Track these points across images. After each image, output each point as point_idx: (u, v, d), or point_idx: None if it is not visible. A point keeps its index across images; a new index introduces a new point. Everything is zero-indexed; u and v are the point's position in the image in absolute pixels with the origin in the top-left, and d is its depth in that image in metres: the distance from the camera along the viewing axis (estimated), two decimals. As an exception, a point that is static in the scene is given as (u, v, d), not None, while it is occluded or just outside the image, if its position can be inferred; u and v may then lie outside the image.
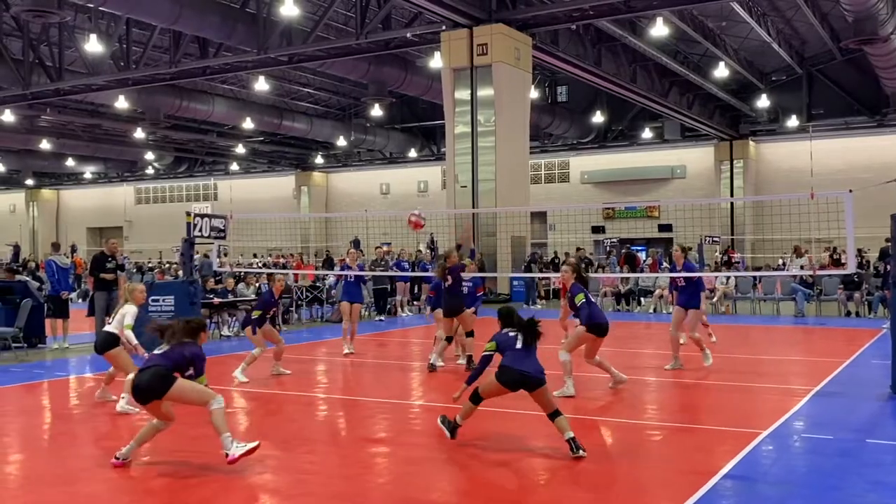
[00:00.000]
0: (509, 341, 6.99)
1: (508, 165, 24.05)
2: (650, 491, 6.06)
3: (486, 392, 7.07)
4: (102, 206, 56.47)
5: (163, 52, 28.18)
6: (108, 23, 25.99)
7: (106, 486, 6.22)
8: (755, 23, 25.90)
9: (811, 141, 34.29)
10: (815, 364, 12.19)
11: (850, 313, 19.92)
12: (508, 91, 23.93)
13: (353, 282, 13.70)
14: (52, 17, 21.22)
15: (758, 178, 39.04)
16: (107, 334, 8.97)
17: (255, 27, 24.50)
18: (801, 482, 6.10)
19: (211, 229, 14.82)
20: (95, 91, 30.28)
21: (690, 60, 31.98)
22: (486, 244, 23.61)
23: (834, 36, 29.34)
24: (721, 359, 13.23)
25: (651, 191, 40.08)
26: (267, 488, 6.12)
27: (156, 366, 6.66)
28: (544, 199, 40.90)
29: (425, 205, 44.13)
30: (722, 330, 15.66)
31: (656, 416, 8.77)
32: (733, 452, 6.74)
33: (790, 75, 35.39)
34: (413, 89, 31.68)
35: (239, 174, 51.35)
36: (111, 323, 9.08)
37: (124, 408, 8.79)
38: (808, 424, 8.07)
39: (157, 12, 22.59)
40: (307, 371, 11.86)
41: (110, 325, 9.04)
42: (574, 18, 24.20)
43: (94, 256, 15.07)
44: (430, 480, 6.33)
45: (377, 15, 24.02)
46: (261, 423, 8.56)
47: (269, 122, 37.33)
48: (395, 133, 43.24)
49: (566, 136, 40.04)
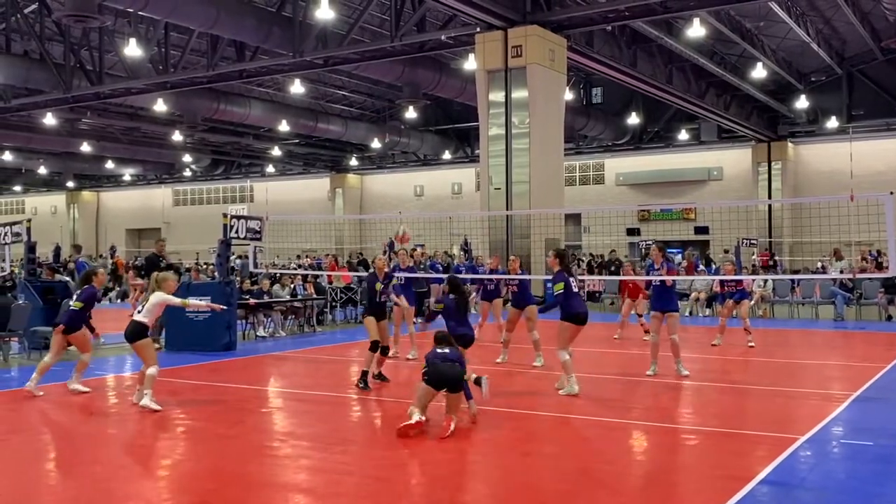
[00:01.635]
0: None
1: (542, 167, 23.97)
2: (685, 496, 6.01)
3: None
4: (141, 207, 57.29)
5: (200, 56, 28.51)
6: (148, 27, 26.37)
7: (142, 486, 6.31)
8: (794, 23, 25.54)
9: (851, 142, 33.71)
10: (854, 369, 12.00)
11: (892, 317, 19.56)
12: (543, 93, 23.85)
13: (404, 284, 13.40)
14: (93, 22, 21.56)
15: (796, 179, 38.49)
16: (136, 324, 8.97)
17: (291, 30, 24.69)
18: (839, 488, 6.01)
19: (247, 231, 15.01)
20: (134, 94, 30.70)
21: (727, 61, 31.62)
22: (519, 246, 23.55)
23: (875, 35, 28.83)
24: (759, 363, 13.08)
25: (687, 193, 39.68)
26: (301, 488, 6.17)
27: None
28: (579, 201, 40.69)
29: (459, 206, 44.18)
30: (760, 334, 15.47)
31: (692, 420, 8.69)
32: (770, 458, 6.66)
33: (830, 76, 34.85)
34: (447, 91, 31.70)
35: (274, 176, 51.80)
36: (140, 311, 9.14)
37: (147, 404, 8.78)
38: (847, 430, 7.95)
39: (195, 16, 22.86)
40: (341, 372, 11.93)
41: (139, 314, 9.08)
42: (609, 20, 24.04)
43: (147, 258, 15.47)
44: (463, 482, 6.34)
45: (412, 17, 24.08)
46: (297, 423, 8.63)
47: (304, 124, 37.60)
48: (430, 135, 43.31)
49: (601, 137, 39.80)
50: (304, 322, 17.94)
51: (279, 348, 14.93)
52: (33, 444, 7.61)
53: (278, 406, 9.68)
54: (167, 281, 9.30)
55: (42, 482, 6.38)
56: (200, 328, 13.78)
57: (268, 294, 17.16)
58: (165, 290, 9.15)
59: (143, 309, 9.09)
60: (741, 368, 12.37)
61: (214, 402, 9.52)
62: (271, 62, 26.96)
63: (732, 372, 11.86)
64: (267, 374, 12.06)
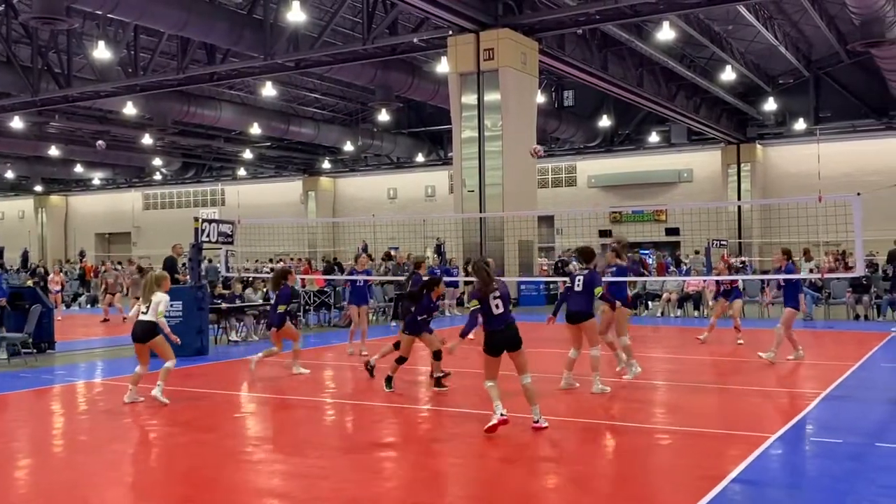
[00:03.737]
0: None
1: (515, 170, 24.06)
2: (659, 495, 6.05)
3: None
4: (111, 211, 56.67)
5: (170, 59, 28.29)
6: (117, 29, 26.11)
7: (116, 493, 6.24)
8: (762, 26, 25.87)
9: (818, 144, 34.21)
10: (823, 367, 12.16)
11: (859, 316, 19.85)
12: (515, 96, 23.95)
13: (362, 286, 14.09)
14: (61, 24, 21.31)
15: (765, 181, 38.97)
16: (146, 323, 9.31)
17: (263, 33, 24.58)
18: (810, 486, 6.09)
19: (218, 235, 14.91)
20: (104, 97, 30.41)
21: (697, 64, 31.95)
22: (492, 249, 23.62)
23: (841, 39, 29.27)
24: (730, 362, 13.22)
25: (658, 194, 40.02)
26: (276, 493, 6.13)
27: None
28: (552, 203, 40.87)
29: (433, 209, 44.18)
30: (730, 334, 15.63)
31: (665, 419, 8.76)
32: (742, 456, 6.73)
33: (797, 78, 35.33)
34: (420, 94, 31.73)
35: (246, 179, 51.49)
36: (146, 312, 9.37)
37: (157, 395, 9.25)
38: (817, 428, 8.05)
39: (165, 19, 22.70)
40: (314, 375, 11.87)
41: (146, 315, 9.35)
42: (580, 23, 24.21)
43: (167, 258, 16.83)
44: (440, 485, 6.34)
45: (384, 20, 24.07)
46: (270, 428, 8.58)
47: (276, 127, 37.43)
48: (403, 138, 43.30)
49: (573, 140, 40.05)
50: (277, 326, 17.80)
51: (252, 353, 14.78)
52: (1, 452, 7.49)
53: (252, 411, 9.62)
54: (165, 280, 9.72)
55: (12, 490, 6.28)
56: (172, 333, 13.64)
57: (240, 298, 17.03)
58: (164, 289, 9.41)
59: (147, 310, 9.38)
60: (712, 368, 12.49)
61: (187, 407, 9.44)
62: (242, 65, 26.83)
63: (704, 372, 11.97)
64: (240, 379, 11.96)
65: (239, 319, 16.77)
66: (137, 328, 9.39)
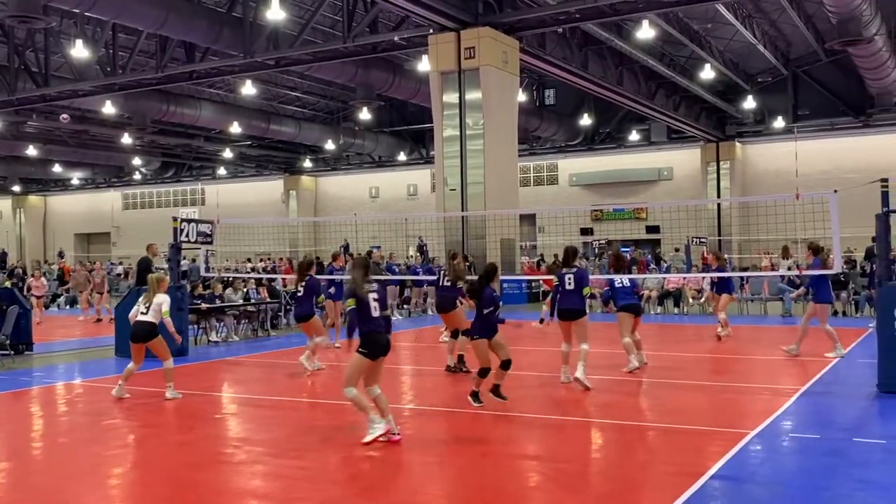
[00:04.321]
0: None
1: (497, 168, 24.09)
2: (639, 491, 6.08)
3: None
4: (90, 211, 56.20)
5: (149, 57, 28.07)
6: (94, 28, 25.87)
7: (96, 495, 6.19)
8: (740, 24, 26.03)
9: (796, 142, 34.49)
10: (802, 364, 12.26)
11: (837, 313, 20.03)
12: (496, 94, 23.96)
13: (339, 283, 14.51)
14: (38, 23, 21.09)
15: (744, 179, 39.23)
16: (148, 324, 9.46)
17: (242, 31, 24.44)
18: (789, 482, 6.14)
19: (198, 234, 14.83)
20: (82, 97, 30.14)
21: (676, 63, 32.11)
22: (475, 247, 23.65)
23: (819, 37, 29.51)
24: (710, 359, 13.31)
25: (638, 193, 40.21)
26: (256, 494, 6.11)
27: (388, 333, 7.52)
28: (533, 202, 40.96)
29: (415, 208, 44.17)
30: (710, 330, 15.73)
31: (645, 417, 8.80)
32: (722, 453, 6.78)
33: (776, 77, 35.58)
34: (401, 93, 31.68)
35: (226, 179, 51.21)
36: (146, 313, 9.51)
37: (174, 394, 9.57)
38: (795, 424, 8.12)
39: (144, 17, 22.51)
40: (295, 376, 11.83)
41: (146, 315, 9.49)
42: (561, 22, 24.26)
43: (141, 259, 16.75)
44: (419, 484, 6.33)
45: (364, 18, 24.01)
46: (251, 429, 8.54)
47: (256, 126, 37.24)
48: (384, 136, 43.22)
49: (554, 138, 40.13)
50: (257, 326, 17.75)
51: (232, 353, 14.77)
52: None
53: (232, 412, 9.57)
54: (164, 281, 9.95)
55: (-12, 495, 6.22)
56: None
57: (220, 298, 16.95)
58: (163, 289, 9.49)
59: (147, 310, 9.53)
60: (693, 365, 12.56)
61: (166, 409, 9.39)
62: (222, 63, 26.67)
63: (684, 368, 12.03)
64: (220, 380, 11.92)
65: (219, 320, 16.70)
66: (139, 329, 9.56)
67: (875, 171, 23.28)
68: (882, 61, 27.24)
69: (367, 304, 7.30)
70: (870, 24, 22.94)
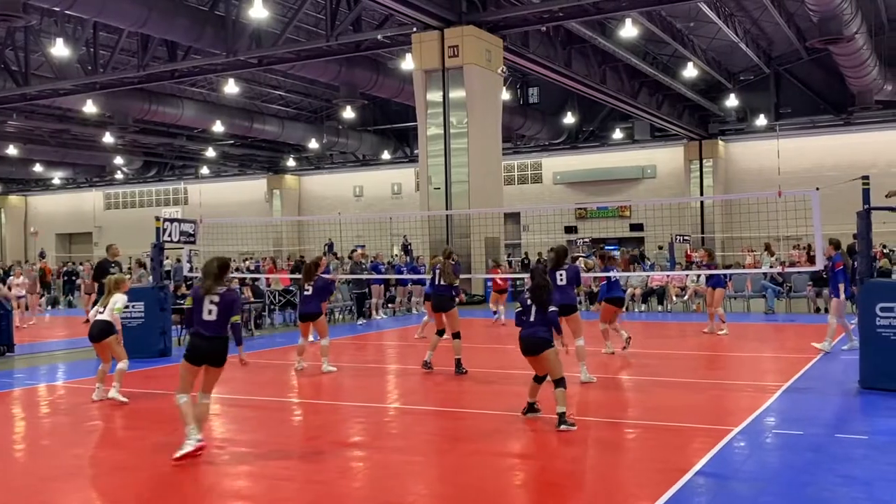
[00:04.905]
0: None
1: (481, 167, 24.10)
2: (624, 489, 6.09)
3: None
4: (71, 211, 55.79)
5: (131, 56, 27.90)
6: (75, 26, 25.68)
7: (78, 497, 6.14)
8: (723, 23, 26.17)
9: (778, 140, 34.73)
10: (785, 360, 12.34)
11: (820, 309, 20.18)
12: (480, 93, 23.98)
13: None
14: (18, 21, 20.92)
15: (727, 176, 39.45)
16: (103, 323, 9.43)
17: (224, 30, 24.34)
18: (772, 478, 6.17)
19: (181, 234, 14.74)
20: (63, 96, 29.91)
21: (659, 61, 32.24)
22: (459, 246, 23.64)
23: (800, 36, 29.73)
24: (693, 356, 13.37)
25: (622, 191, 40.37)
26: (241, 495, 6.08)
27: (220, 338, 6.97)
28: (518, 200, 41.03)
29: (399, 207, 44.14)
30: (694, 327, 15.81)
31: (629, 414, 8.82)
32: (706, 449, 6.80)
33: (758, 75, 35.80)
34: (385, 91, 31.64)
35: (209, 178, 50.96)
36: (103, 312, 9.49)
37: (115, 395, 9.36)
38: (779, 420, 8.17)
39: (125, 15, 22.36)
40: (280, 376, 11.79)
41: (102, 314, 9.47)
42: (544, 20, 24.30)
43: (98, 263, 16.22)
44: (405, 484, 6.32)
45: (347, 17, 23.96)
46: (235, 430, 8.50)
47: (239, 125, 37.09)
48: (368, 135, 43.15)
49: (538, 137, 40.20)
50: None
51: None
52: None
53: (216, 412, 9.50)
54: (124, 282, 9.86)
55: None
56: (134, 334, 13.44)
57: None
58: (123, 290, 9.47)
59: (104, 310, 9.50)
60: (676, 362, 12.61)
61: (150, 409, 9.33)
62: (204, 62, 26.53)
63: (667, 366, 12.07)
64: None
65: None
66: (93, 328, 9.57)
67: (856, 169, 23.49)
68: (862, 60, 27.47)
69: (202, 306, 6.93)
70: (850, 22, 23.12)
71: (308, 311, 11.88)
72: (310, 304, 11.87)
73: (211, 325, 6.89)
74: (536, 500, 5.89)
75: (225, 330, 6.93)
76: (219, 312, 6.88)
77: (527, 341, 7.88)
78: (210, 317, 6.87)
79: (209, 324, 6.88)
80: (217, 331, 6.89)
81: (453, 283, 11.52)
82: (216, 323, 6.88)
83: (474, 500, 5.85)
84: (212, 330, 6.89)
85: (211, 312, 6.86)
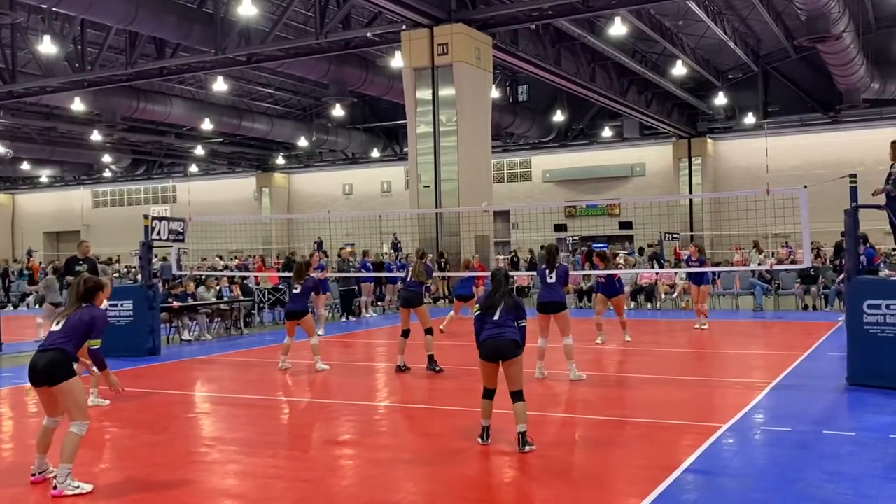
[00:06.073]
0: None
1: (471, 165, 24.09)
2: (613, 485, 6.11)
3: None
4: (59, 209, 55.52)
5: (119, 53, 27.76)
6: (63, 24, 25.53)
7: (65, 498, 6.10)
8: (711, 21, 26.25)
9: (767, 138, 34.85)
10: (773, 357, 12.39)
11: (808, 307, 20.28)
12: (469, 91, 23.97)
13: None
14: (4, 18, 20.83)
15: (716, 174, 39.59)
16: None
17: (213, 27, 24.25)
18: (760, 475, 6.19)
19: (169, 232, 14.68)
20: (50, 93, 29.74)
21: (648, 59, 32.31)
22: (449, 243, 23.66)
23: (788, 34, 29.84)
24: (682, 354, 13.41)
25: (611, 189, 40.45)
26: (230, 493, 6.06)
27: (56, 349, 6.00)
28: (507, 198, 41.06)
29: (389, 205, 44.09)
30: (682, 325, 15.86)
31: (618, 411, 8.84)
32: (694, 446, 6.83)
33: (746, 73, 35.93)
34: (374, 89, 31.59)
35: (198, 176, 50.78)
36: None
37: (94, 401, 9.15)
38: (767, 417, 8.20)
39: (113, 13, 22.24)
40: (269, 375, 11.76)
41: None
42: (533, 18, 24.31)
43: (66, 260, 15.33)
44: (395, 482, 6.32)
45: (337, 14, 23.91)
46: (224, 428, 8.48)
47: (228, 122, 36.96)
48: (358, 133, 43.09)
49: (527, 135, 40.24)
50: (230, 325, 17.62)
51: (205, 352, 14.66)
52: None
53: (205, 411, 9.50)
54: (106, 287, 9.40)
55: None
56: (123, 333, 13.40)
57: (192, 296, 16.80)
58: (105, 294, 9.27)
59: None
60: (665, 360, 12.65)
61: (139, 408, 9.29)
62: (192, 59, 26.43)
63: (657, 363, 12.11)
64: (193, 379, 11.81)
65: (192, 318, 16.55)
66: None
67: (844, 167, 23.60)
68: (850, 58, 27.61)
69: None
70: (838, 21, 23.23)
71: (294, 309, 11.86)
72: (297, 303, 11.86)
73: (49, 338, 6.11)
74: (525, 496, 5.90)
75: (68, 344, 6.04)
76: (65, 327, 6.12)
77: (496, 344, 6.96)
78: (56, 327, 6.13)
79: (49, 337, 6.12)
80: (57, 340, 6.05)
81: (425, 281, 11.58)
82: (61, 332, 6.08)
83: (463, 498, 5.86)
84: (45, 344, 6.08)
85: (58, 323, 6.16)
